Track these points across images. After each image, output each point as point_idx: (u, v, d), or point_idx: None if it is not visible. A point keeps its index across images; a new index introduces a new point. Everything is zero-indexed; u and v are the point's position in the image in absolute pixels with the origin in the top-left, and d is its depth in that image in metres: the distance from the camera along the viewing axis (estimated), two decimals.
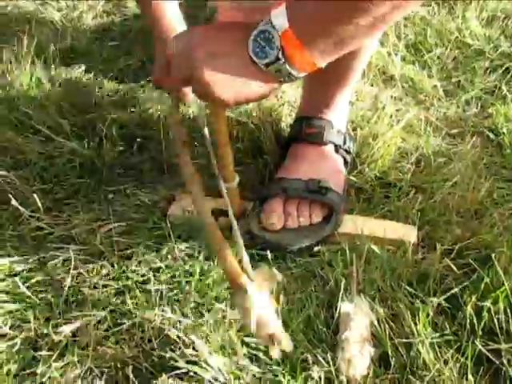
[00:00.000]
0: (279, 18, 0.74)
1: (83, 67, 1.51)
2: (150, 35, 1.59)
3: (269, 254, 0.99)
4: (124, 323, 0.91)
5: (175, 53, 0.81)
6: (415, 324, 0.87)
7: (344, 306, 0.90)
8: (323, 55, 0.76)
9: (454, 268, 0.94)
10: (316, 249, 1.03)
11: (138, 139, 1.26)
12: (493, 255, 0.90)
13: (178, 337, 0.88)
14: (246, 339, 0.88)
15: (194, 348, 0.86)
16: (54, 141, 1.25)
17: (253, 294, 0.80)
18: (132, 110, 1.36)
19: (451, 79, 1.50)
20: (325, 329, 0.90)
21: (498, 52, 1.56)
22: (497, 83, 1.46)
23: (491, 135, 1.30)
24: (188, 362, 0.84)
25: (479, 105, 1.41)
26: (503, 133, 1.29)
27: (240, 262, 0.84)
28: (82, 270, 0.99)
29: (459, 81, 1.49)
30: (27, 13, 1.79)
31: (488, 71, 1.51)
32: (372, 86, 1.46)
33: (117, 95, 1.41)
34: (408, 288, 0.94)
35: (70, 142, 1.23)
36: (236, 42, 0.79)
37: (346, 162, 1.16)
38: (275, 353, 0.81)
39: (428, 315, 0.88)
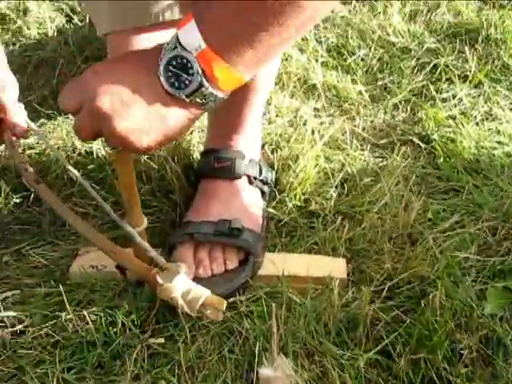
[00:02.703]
0: (190, 36, 0.64)
1: None
2: (51, 67, 1.47)
3: (180, 311, 0.87)
4: None
5: (73, 109, 0.70)
6: (345, 383, 0.76)
7: (262, 371, 0.78)
8: (250, 68, 0.66)
9: (383, 315, 0.83)
10: (231, 300, 0.91)
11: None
12: (422, 302, 0.79)
13: None
14: None
15: None
16: None
17: (169, 283, 0.80)
18: (29, 153, 1.23)
19: (377, 82, 1.40)
20: None
21: (424, 49, 1.47)
22: (424, 83, 1.37)
23: (422, 144, 1.20)
24: None
25: (408, 109, 1.31)
26: (434, 139, 1.19)
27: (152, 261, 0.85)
28: None
29: (385, 84, 1.39)
30: None
31: (415, 70, 1.42)
32: (292, 97, 1.35)
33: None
34: (336, 338, 0.83)
35: None
36: (143, 80, 0.67)
37: (263, 193, 1.05)
38: (218, 316, 0.81)
39: (359, 371, 0.77)
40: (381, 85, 1.39)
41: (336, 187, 1.09)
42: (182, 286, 0.81)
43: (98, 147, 1.21)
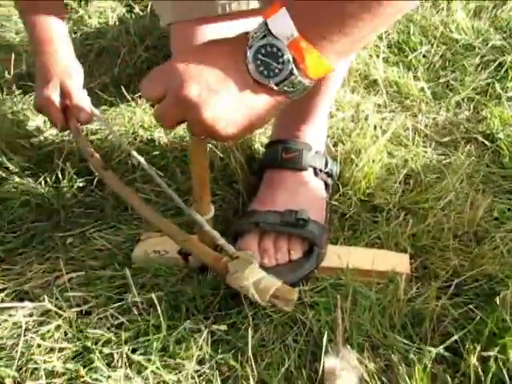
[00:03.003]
0: (281, 24, 0.64)
1: None
2: (112, 55, 1.49)
3: (243, 299, 0.87)
4: None
5: (157, 97, 0.70)
6: (411, 378, 0.76)
7: (328, 361, 0.78)
8: (340, 55, 0.66)
9: (452, 310, 0.82)
10: (296, 290, 0.91)
11: None
12: (496, 299, 0.78)
13: None
14: None
15: None
16: (7, 180, 1.13)
17: (240, 271, 0.79)
18: (92, 139, 1.24)
19: (439, 80, 1.37)
20: None
21: (489, 46, 1.44)
22: (489, 81, 1.34)
23: (486, 142, 1.18)
24: None
25: (471, 107, 1.29)
26: (499, 138, 1.17)
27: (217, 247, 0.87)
28: (34, 335, 0.87)
29: (448, 81, 1.37)
30: None
31: (479, 68, 1.39)
32: (353, 92, 1.34)
33: None
34: (401, 332, 0.82)
35: (25, 181, 1.12)
36: (231, 68, 0.67)
37: (326, 186, 1.04)
38: (288, 306, 0.79)
39: (425, 367, 0.76)
40: (443, 82, 1.37)
41: (400, 183, 1.08)
42: (254, 275, 0.80)
43: (160, 135, 1.22)
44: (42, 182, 1.12)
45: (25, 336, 0.87)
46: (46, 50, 1.07)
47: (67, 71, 1.07)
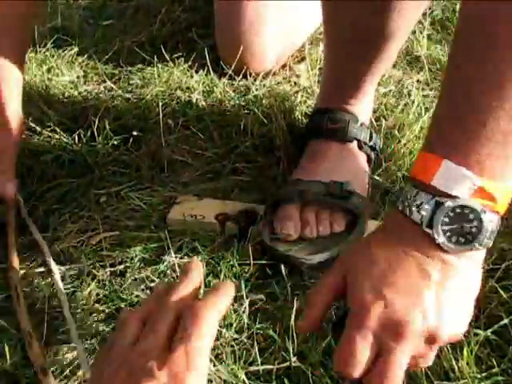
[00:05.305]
0: (454, 178, 0.55)
1: (75, 49, 1.36)
2: (147, 13, 1.45)
3: (283, 269, 0.86)
4: None
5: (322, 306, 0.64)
6: (456, 360, 0.74)
7: None
8: None
9: (502, 292, 0.80)
10: None
11: (135, 132, 1.11)
12: None
13: None
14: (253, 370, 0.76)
15: None
16: (40, 134, 1.11)
17: None
18: (127, 97, 1.21)
19: None
20: None
21: None
22: None
23: None
24: None
25: None
26: None
27: None
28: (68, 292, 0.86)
29: None
30: None
31: None
32: (395, 67, 1.30)
33: (111, 81, 1.27)
34: None
35: (59, 136, 1.10)
36: (417, 259, 0.57)
37: (369, 159, 1.02)
38: None
39: (472, 350, 0.74)
40: None
41: None
42: None
43: (199, 97, 1.19)
44: (76, 138, 1.09)
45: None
46: None
47: None
